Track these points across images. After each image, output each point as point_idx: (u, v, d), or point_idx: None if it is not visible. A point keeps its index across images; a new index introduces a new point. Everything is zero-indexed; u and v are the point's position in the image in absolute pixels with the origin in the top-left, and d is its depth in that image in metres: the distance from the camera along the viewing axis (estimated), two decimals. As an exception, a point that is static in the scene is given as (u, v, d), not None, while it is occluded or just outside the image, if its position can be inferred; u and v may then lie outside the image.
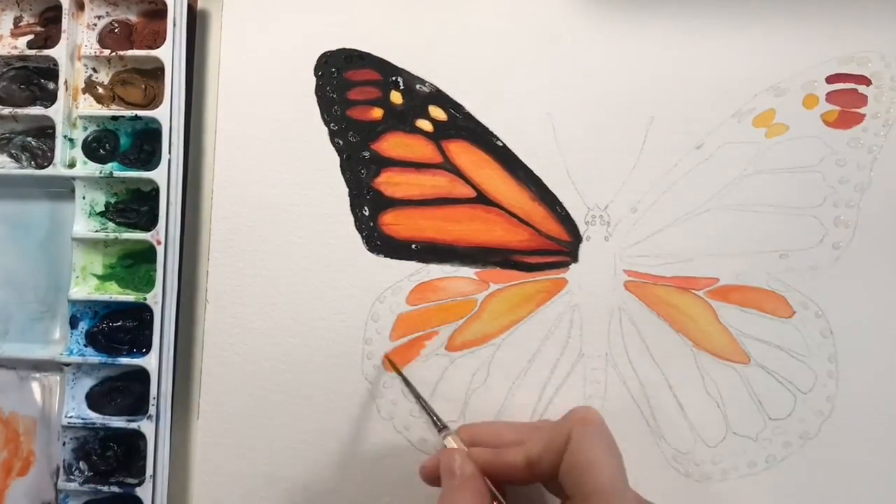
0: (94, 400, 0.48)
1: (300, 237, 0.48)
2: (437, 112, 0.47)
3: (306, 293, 0.47)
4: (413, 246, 0.47)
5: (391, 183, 0.48)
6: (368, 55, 0.48)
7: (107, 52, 0.48)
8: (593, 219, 0.47)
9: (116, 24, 0.49)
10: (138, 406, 0.47)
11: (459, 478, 0.38)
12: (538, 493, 0.44)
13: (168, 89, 0.47)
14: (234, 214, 0.48)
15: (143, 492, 0.46)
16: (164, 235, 0.46)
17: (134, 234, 0.47)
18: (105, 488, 0.47)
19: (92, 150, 0.49)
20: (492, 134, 0.47)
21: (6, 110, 0.48)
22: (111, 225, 0.49)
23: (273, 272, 0.48)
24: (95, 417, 0.48)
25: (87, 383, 0.48)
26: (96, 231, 0.48)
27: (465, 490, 0.38)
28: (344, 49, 0.48)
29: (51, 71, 0.48)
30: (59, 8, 0.48)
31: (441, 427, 0.42)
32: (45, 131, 0.49)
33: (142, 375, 0.46)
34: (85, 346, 0.48)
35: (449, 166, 0.47)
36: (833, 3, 0.47)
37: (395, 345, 0.47)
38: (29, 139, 0.49)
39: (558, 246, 0.47)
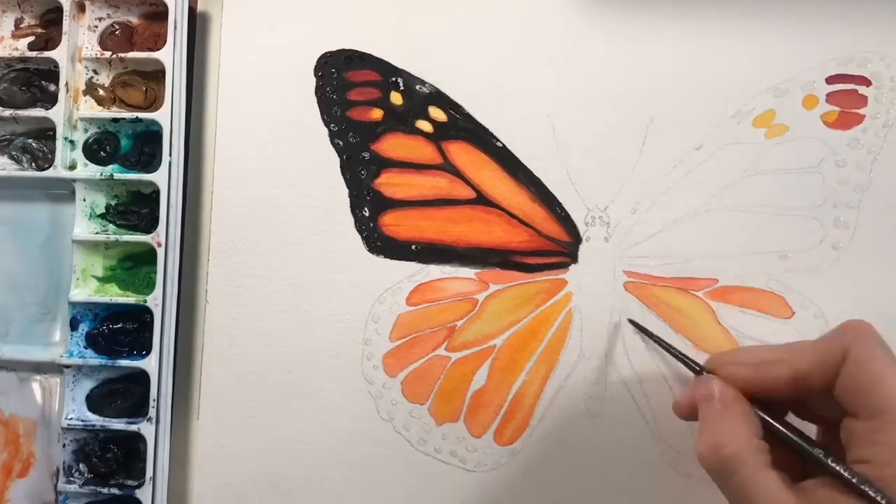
0: (95, 402, 0.48)
1: (300, 238, 0.48)
2: (437, 113, 0.48)
3: (306, 294, 0.47)
4: (413, 247, 0.47)
5: (391, 184, 0.48)
6: (368, 56, 0.48)
7: (107, 54, 0.48)
8: (593, 220, 0.47)
9: (117, 26, 0.49)
10: (138, 408, 0.47)
11: (720, 401, 0.36)
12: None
13: (169, 91, 0.47)
14: (234, 216, 0.48)
15: (143, 494, 0.46)
16: (165, 237, 0.47)
17: (134, 237, 0.47)
18: (105, 490, 0.47)
19: (92, 152, 0.49)
20: (492, 135, 0.47)
21: (7, 112, 0.48)
22: (111, 227, 0.49)
23: (273, 273, 0.48)
24: (95, 419, 0.47)
25: (88, 385, 0.48)
26: (97, 233, 0.48)
27: (729, 414, 0.36)
28: (344, 50, 0.48)
29: (52, 73, 0.49)
30: (60, 10, 0.48)
31: (698, 369, 0.40)
32: (45, 133, 0.49)
33: (142, 377, 0.46)
34: (85, 347, 0.48)
35: (449, 167, 0.47)
36: (833, 3, 0.47)
37: (394, 345, 0.47)
38: (29, 141, 0.49)
39: (558, 247, 0.47)
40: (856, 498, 0.32)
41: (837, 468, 0.33)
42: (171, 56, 0.47)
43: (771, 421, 0.36)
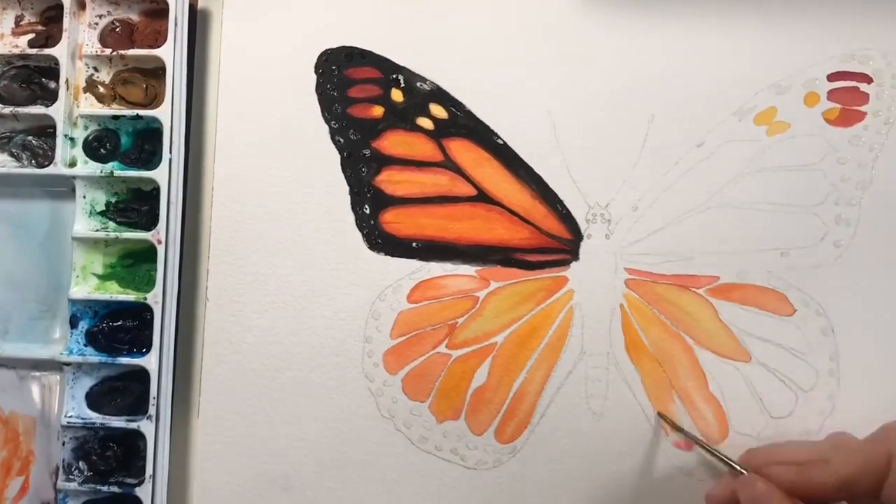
0: (94, 400, 0.48)
1: (300, 235, 0.48)
2: (437, 110, 0.48)
3: (307, 291, 0.47)
4: (414, 244, 0.47)
5: (392, 181, 0.48)
6: (369, 53, 0.48)
7: (108, 51, 0.48)
8: (594, 217, 0.47)
9: (118, 24, 0.49)
10: (138, 406, 0.47)
11: (768, 501, 0.36)
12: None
13: (169, 89, 0.47)
14: (234, 213, 0.48)
15: (143, 492, 0.46)
16: (165, 235, 0.46)
17: (134, 234, 0.47)
18: (104, 488, 0.46)
19: (93, 149, 0.49)
20: (492, 132, 0.47)
21: (7, 109, 0.48)
22: (112, 224, 0.49)
23: (273, 270, 0.48)
24: (95, 417, 0.47)
25: (87, 383, 0.48)
26: (97, 230, 0.48)
27: None
28: (344, 47, 0.48)
29: (52, 70, 0.48)
30: (60, 7, 0.48)
31: (739, 471, 0.40)
32: (45, 130, 0.49)
33: (142, 375, 0.46)
34: (85, 345, 0.48)
35: (450, 164, 0.47)
36: (834, 1, 0.47)
37: (395, 343, 0.47)
38: (30, 138, 0.49)
39: (559, 244, 0.47)
40: None
41: None
42: (172, 53, 0.47)
43: None
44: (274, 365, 0.47)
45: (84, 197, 0.48)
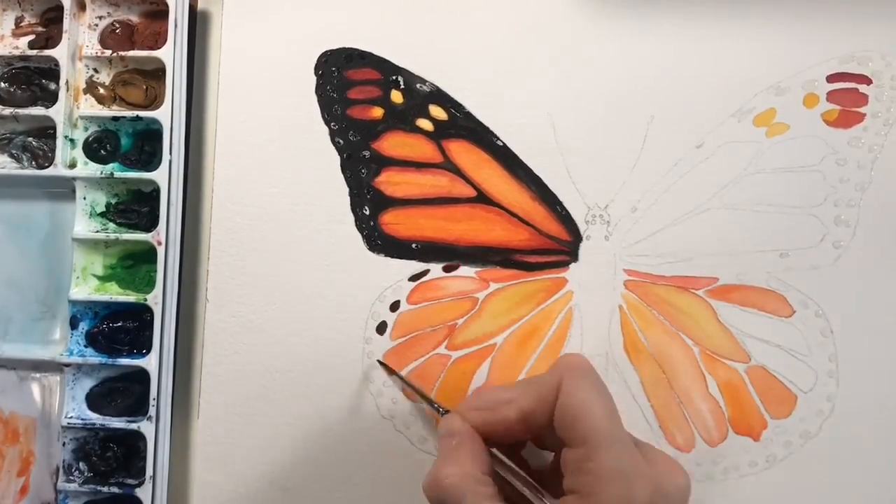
0: (94, 400, 0.48)
1: (300, 236, 0.48)
2: (437, 111, 0.48)
3: (306, 292, 0.47)
4: (413, 245, 0.47)
5: (391, 182, 0.48)
6: (369, 54, 0.48)
7: (108, 52, 0.48)
8: (593, 218, 0.47)
9: (118, 25, 0.49)
10: (138, 407, 0.47)
11: (457, 437, 0.38)
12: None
13: (169, 90, 0.47)
14: (234, 214, 0.48)
15: (143, 492, 0.46)
16: (165, 236, 0.46)
17: (134, 235, 0.47)
18: (105, 489, 0.46)
19: (93, 150, 0.49)
20: (492, 133, 0.47)
21: (7, 110, 0.48)
22: (112, 225, 0.49)
23: (273, 272, 0.48)
24: (95, 418, 0.47)
25: (87, 384, 0.48)
26: (97, 231, 0.48)
27: (459, 449, 0.37)
28: (344, 48, 0.48)
29: (52, 71, 0.49)
30: (60, 8, 0.48)
31: (443, 412, 0.42)
32: (45, 131, 0.49)
33: (142, 376, 0.46)
34: (85, 346, 0.48)
35: (449, 166, 0.47)
36: (834, 2, 0.47)
37: (395, 344, 0.47)
38: (30, 139, 0.49)
39: (558, 245, 0.47)
40: None
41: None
42: (172, 54, 0.47)
43: (501, 457, 0.38)
44: (274, 366, 0.47)
45: (84, 198, 0.48)
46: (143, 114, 0.47)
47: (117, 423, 0.47)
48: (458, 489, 0.35)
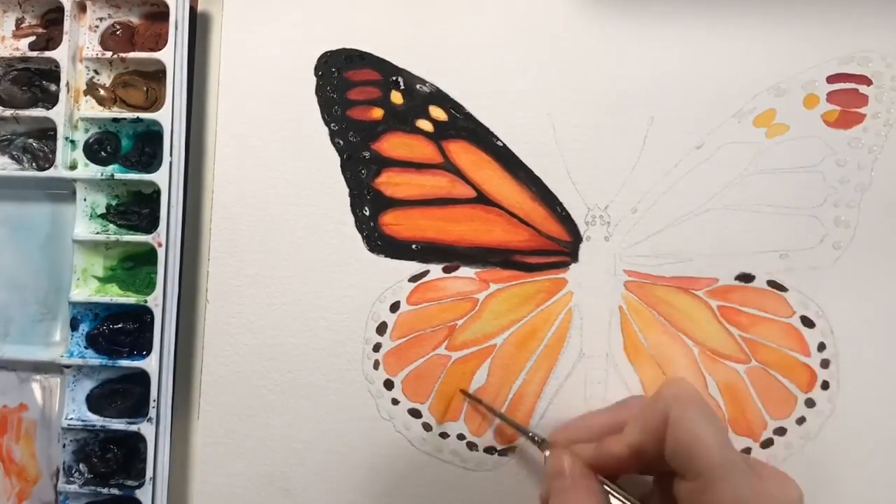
0: (95, 402, 0.48)
1: (300, 237, 0.48)
2: (437, 112, 0.48)
3: (306, 293, 0.47)
4: (413, 246, 0.47)
5: (391, 183, 0.48)
6: (369, 55, 0.48)
7: (108, 54, 0.48)
8: (593, 219, 0.47)
9: (118, 26, 0.49)
10: (138, 408, 0.47)
11: (570, 477, 0.37)
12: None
13: (170, 91, 0.47)
14: (234, 215, 0.48)
15: (143, 494, 0.46)
16: (165, 237, 0.47)
17: (135, 237, 0.47)
18: (105, 490, 0.46)
19: (93, 152, 0.49)
20: (492, 134, 0.47)
21: (7, 112, 0.48)
22: (112, 227, 0.49)
23: (273, 272, 0.48)
24: (95, 419, 0.47)
25: (88, 385, 0.48)
26: (97, 233, 0.48)
27: (579, 490, 0.37)
28: (344, 49, 0.48)
29: (52, 73, 0.49)
30: (61, 10, 0.48)
31: (540, 442, 0.42)
32: (46, 133, 0.49)
33: (142, 377, 0.46)
34: (85, 348, 0.48)
35: (449, 166, 0.47)
36: (833, 2, 0.47)
37: (395, 344, 0.47)
38: (30, 141, 0.49)
39: (558, 246, 0.47)
40: None
41: None
42: (172, 56, 0.47)
43: (615, 493, 0.38)
44: (274, 367, 0.47)
45: (84, 199, 0.48)
46: (143, 115, 0.47)
47: (117, 424, 0.47)
48: None
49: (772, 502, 0.34)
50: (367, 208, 0.48)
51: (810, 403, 0.45)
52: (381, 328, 0.47)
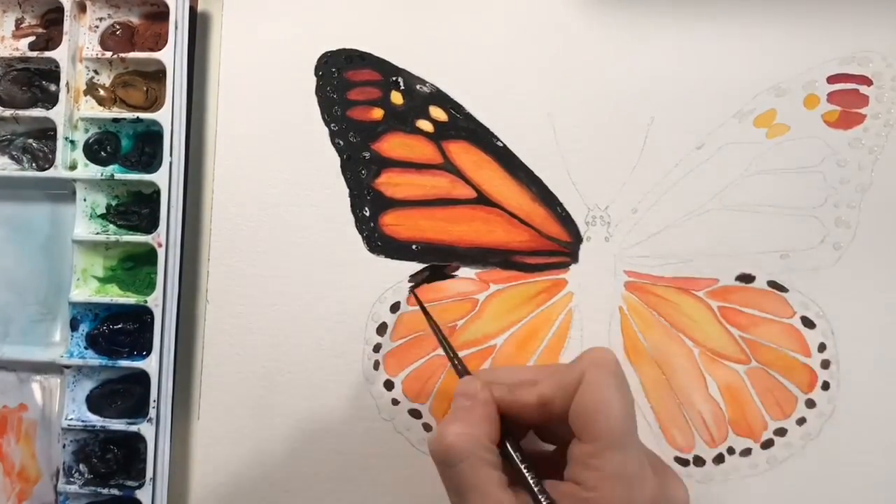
0: (95, 402, 0.48)
1: (301, 238, 0.48)
2: (437, 112, 0.48)
3: (307, 294, 0.47)
4: (413, 246, 0.47)
5: (392, 183, 0.48)
6: (369, 55, 0.48)
7: (108, 54, 0.48)
8: (594, 219, 0.47)
9: (118, 26, 0.49)
10: (138, 408, 0.47)
11: (471, 399, 0.37)
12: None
13: (170, 91, 0.47)
14: (234, 216, 0.48)
15: (143, 494, 0.46)
16: (165, 238, 0.46)
17: (135, 237, 0.47)
18: (105, 491, 0.46)
19: (93, 152, 0.49)
20: (492, 134, 0.47)
21: (7, 112, 0.48)
22: (112, 227, 0.49)
23: (273, 273, 0.48)
24: (95, 420, 0.47)
25: (88, 386, 0.48)
26: (97, 233, 0.48)
27: (475, 412, 0.37)
28: (344, 49, 0.48)
29: (52, 73, 0.49)
30: (60, 10, 0.48)
31: (462, 372, 0.41)
32: (46, 133, 0.49)
33: (142, 378, 0.46)
34: (85, 348, 0.48)
35: (449, 167, 0.47)
36: (834, 3, 0.47)
37: (395, 345, 0.47)
38: (30, 141, 0.49)
39: (558, 246, 0.47)
40: None
41: (536, 489, 0.35)
42: (172, 56, 0.47)
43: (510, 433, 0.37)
44: (274, 367, 0.47)
45: (84, 200, 0.48)
46: (143, 115, 0.47)
47: (117, 424, 0.47)
48: (462, 449, 0.35)
49: (654, 489, 0.35)
50: (367, 209, 0.48)
51: (811, 404, 0.45)
52: (382, 329, 0.47)
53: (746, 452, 0.45)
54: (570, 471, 0.35)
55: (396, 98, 0.48)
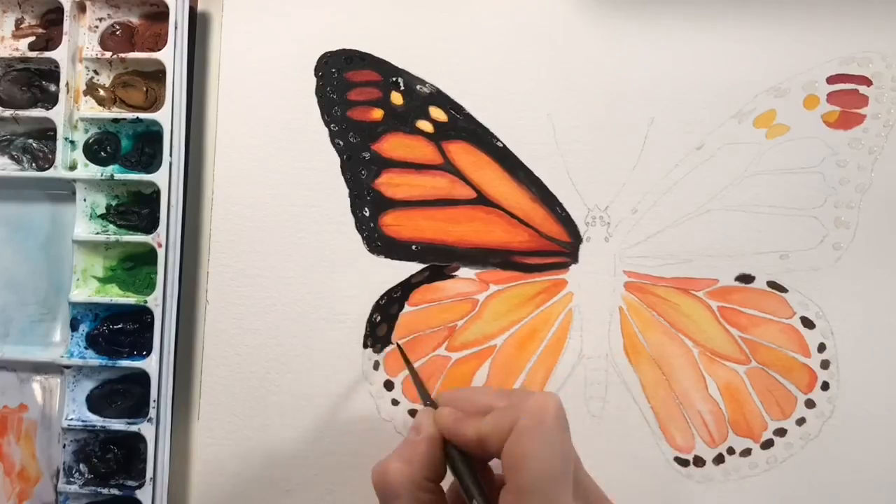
0: (95, 402, 0.48)
1: (300, 238, 0.48)
2: (437, 113, 0.48)
3: (307, 294, 0.47)
4: (413, 247, 0.47)
5: (392, 184, 0.48)
6: (369, 56, 0.48)
7: (108, 54, 0.48)
8: (593, 220, 0.47)
9: (118, 27, 0.49)
10: (138, 408, 0.47)
11: (419, 434, 0.37)
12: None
13: (169, 92, 0.47)
14: (234, 216, 0.48)
15: (143, 494, 0.46)
16: (165, 238, 0.46)
17: (135, 237, 0.47)
18: (105, 490, 0.47)
19: (93, 152, 0.49)
20: (492, 135, 0.47)
21: (7, 112, 0.48)
22: (112, 227, 0.49)
23: (273, 273, 0.48)
24: (96, 420, 0.47)
25: (88, 385, 0.48)
26: (97, 233, 0.48)
27: (418, 449, 0.37)
28: (344, 50, 0.48)
29: (52, 73, 0.49)
30: (60, 10, 0.48)
31: (424, 399, 0.41)
32: (46, 133, 0.49)
33: (142, 378, 0.46)
34: (85, 348, 0.48)
35: (449, 167, 0.47)
36: (834, 3, 0.47)
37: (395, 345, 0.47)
38: (30, 141, 0.49)
39: (558, 247, 0.47)
40: None
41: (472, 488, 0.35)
42: (172, 56, 0.47)
43: (455, 463, 0.37)
44: (274, 367, 0.47)
45: (84, 200, 0.48)
46: (143, 116, 0.47)
47: (118, 424, 0.47)
48: (398, 487, 0.35)
49: None
50: (367, 209, 0.48)
51: (810, 404, 0.45)
52: (381, 329, 0.47)
53: (746, 453, 0.45)
54: None
55: (396, 98, 0.48)
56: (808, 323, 0.46)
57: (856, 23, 0.47)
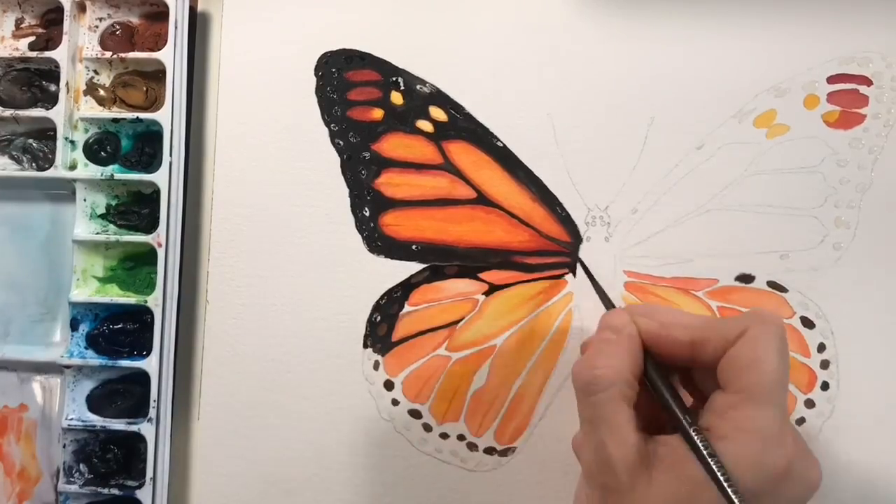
0: (95, 402, 0.48)
1: (301, 238, 0.48)
2: (437, 113, 0.48)
3: (307, 294, 0.47)
4: (413, 247, 0.47)
5: (391, 184, 0.48)
6: (369, 55, 0.48)
7: (108, 54, 0.48)
8: (593, 219, 0.47)
9: (118, 26, 0.49)
10: (139, 408, 0.47)
11: (616, 333, 0.37)
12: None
13: (169, 91, 0.47)
14: (234, 216, 0.48)
15: (144, 494, 0.46)
16: (165, 238, 0.46)
17: (135, 237, 0.47)
18: (105, 491, 0.47)
19: (93, 152, 0.49)
20: (492, 134, 0.47)
21: (7, 112, 0.48)
22: (112, 227, 0.49)
23: (273, 273, 0.48)
24: (96, 420, 0.47)
25: (88, 385, 0.48)
26: (97, 233, 0.48)
27: (618, 345, 0.37)
28: (344, 49, 0.48)
29: (52, 73, 0.49)
30: (60, 10, 0.48)
31: (609, 306, 0.41)
32: (46, 133, 0.49)
33: (142, 378, 0.46)
34: (85, 348, 0.48)
35: (449, 167, 0.47)
36: (834, 3, 0.47)
37: (395, 345, 0.47)
38: (30, 141, 0.49)
39: (558, 247, 0.47)
40: (696, 465, 0.33)
41: (690, 430, 0.34)
42: (172, 56, 0.47)
43: (652, 368, 0.37)
44: (274, 367, 0.47)
45: (84, 200, 0.48)
46: (143, 115, 0.47)
47: (118, 424, 0.47)
48: (606, 382, 0.35)
49: (789, 458, 0.33)
50: (367, 209, 0.48)
51: (810, 404, 0.45)
52: (381, 329, 0.47)
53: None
54: (704, 419, 0.35)
55: (396, 98, 0.48)
56: (808, 323, 0.45)
57: (856, 23, 0.46)
